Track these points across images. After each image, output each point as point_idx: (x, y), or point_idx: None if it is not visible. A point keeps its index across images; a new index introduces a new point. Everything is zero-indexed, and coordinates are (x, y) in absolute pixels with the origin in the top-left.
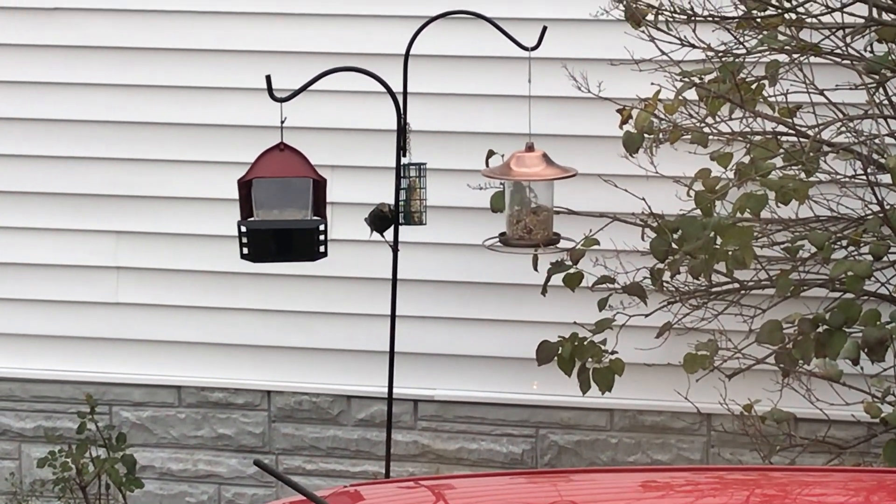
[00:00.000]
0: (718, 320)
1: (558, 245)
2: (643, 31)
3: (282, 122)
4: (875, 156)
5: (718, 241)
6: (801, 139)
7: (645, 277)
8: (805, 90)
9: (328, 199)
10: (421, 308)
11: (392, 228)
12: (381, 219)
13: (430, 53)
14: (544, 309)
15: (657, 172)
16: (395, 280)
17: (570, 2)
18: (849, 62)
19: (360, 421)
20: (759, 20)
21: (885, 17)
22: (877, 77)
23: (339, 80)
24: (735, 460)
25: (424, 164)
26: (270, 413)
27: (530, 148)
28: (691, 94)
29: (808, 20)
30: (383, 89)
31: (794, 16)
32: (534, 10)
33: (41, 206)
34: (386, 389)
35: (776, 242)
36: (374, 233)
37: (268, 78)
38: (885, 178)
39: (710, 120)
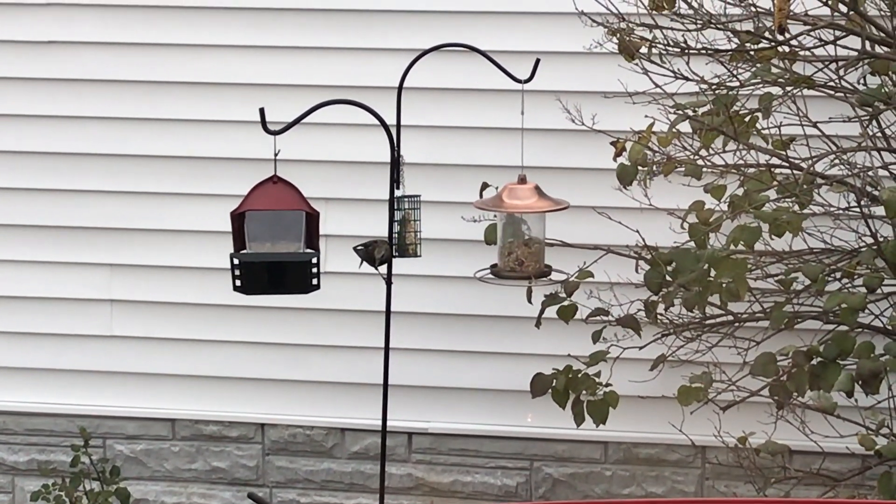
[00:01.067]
0: (712, 352)
1: (552, 277)
2: (637, 64)
3: (275, 155)
4: (868, 188)
5: (712, 273)
6: (795, 171)
7: (639, 310)
8: (798, 123)
9: (322, 232)
10: (415, 340)
11: (385, 263)
12: (370, 259)
13: (424, 86)
14: (538, 341)
15: (651, 205)
16: (388, 312)
17: (564, 35)
18: (842, 95)
19: (354, 454)
20: (752, 53)
21: (878, 49)
22: (870, 109)
23: (332, 113)
24: (730, 493)
25: (418, 196)
26: (264, 446)
27: (522, 180)
28: (685, 127)
29: (802, 53)
30: (377, 122)
31: (787, 49)
32: (527, 43)
33: (35, 239)
34: (380, 422)
35: (770, 275)
36: (367, 266)
37: (261, 111)
38: (879, 211)
39: (703, 152)
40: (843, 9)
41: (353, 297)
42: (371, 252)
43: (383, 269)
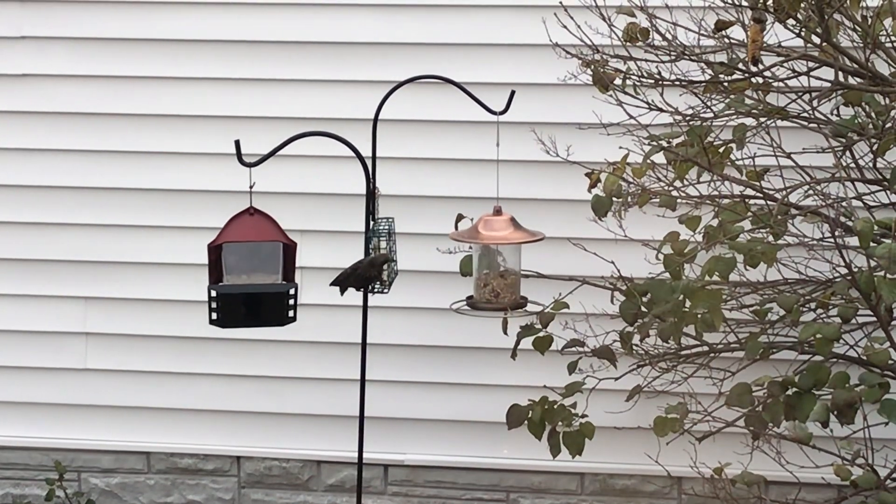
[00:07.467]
0: (688, 383)
1: (527, 308)
2: (611, 96)
3: (251, 187)
4: (842, 219)
5: (687, 304)
6: (769, 202)
7: (615, 341)
8: (772, 153)
9: (297, 264)
10: (391, 372)
11: (361, 291)
12: (378, 265)
13: (399, 118)
14: (514, 373)
15: (626, 236)
16: (364, 344)
17: (538, 66)
18: (815, 126)
19: (330, 486)
20: (726, 84)
21: (851, 80)
22: (843, 140)
23: (308, 145)
24: None
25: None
26: (240, 478)
27: (498, 212)
28: (659, 158)
29: (775, 84)
30: (352, 153)
31: (760, 80)
32: (502, 75)
33: (8, 272)
34: (356, 454)
35: (745, 305)
36: (349, 290)
37: (237, 143)
38: (853, 241)
39: (678, 183)
40: (816, 40)
41: (329, 329)
42: (348, 278)
43: (359, 299)
